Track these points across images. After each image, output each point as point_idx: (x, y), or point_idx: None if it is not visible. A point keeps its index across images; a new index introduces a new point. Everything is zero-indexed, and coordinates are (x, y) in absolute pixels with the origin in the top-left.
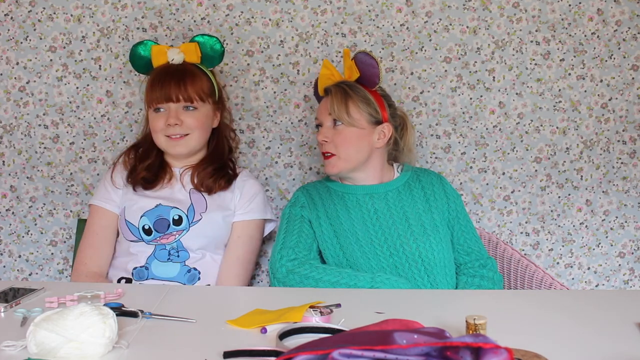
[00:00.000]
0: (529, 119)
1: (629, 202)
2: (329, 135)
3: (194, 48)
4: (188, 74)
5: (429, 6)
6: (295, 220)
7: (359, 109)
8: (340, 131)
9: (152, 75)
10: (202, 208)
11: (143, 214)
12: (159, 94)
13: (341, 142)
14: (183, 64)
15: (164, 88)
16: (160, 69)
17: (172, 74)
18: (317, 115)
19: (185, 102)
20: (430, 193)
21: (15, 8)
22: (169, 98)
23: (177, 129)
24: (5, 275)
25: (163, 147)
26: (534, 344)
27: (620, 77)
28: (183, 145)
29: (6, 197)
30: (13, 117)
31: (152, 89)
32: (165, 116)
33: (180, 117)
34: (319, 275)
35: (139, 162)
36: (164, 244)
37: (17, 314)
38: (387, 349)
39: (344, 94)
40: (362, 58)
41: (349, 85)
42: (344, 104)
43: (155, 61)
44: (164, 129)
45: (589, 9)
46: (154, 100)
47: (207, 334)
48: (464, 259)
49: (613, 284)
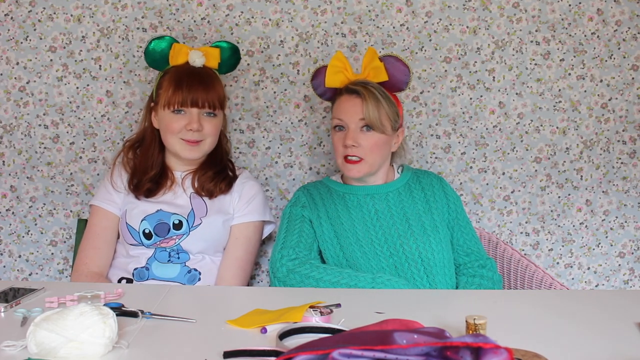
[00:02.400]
0: (529, 119)
1: (629, 202)
2: (358, 140)
3: (215, 54)
4: (213, 80)
5: (429, 6)
6: (296, 220)
7: (387, 116)
8: (369, 136)
9: (175, 75)
10: (203, 212)
11: (144, 218)
12: (184, 97)
13: (371, 148)
14: (204, 68)
15: (192, 92)
16: (184, 70)
17: (198, 77)
18: (341, 116)
19: (209, 108)
20: (430, 194)
21: (15, 8)
22: (195, 103)
23: (196, 135)
24: (5, 275)
25: (175, 149)
26: (534, 344)
27: (620, 77)
28: (197, 151)
29: (6, 197)
30: (13, 117)
31: (176, 89)
32: (185, 119)
33: (201, 123)
34: (319, 275)
35: (141, 169)
36: (164, 247)
37: (17, 314)
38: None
39: (376, 100)
40: (394, 62)
41: (378, 90)
42: (377, 110)
43: (174, 59)
44: (182, 132)
45: (589, 9)
46: (177, 102)
47: (207, 334)
48: (464, 259)
49: (613, 284)
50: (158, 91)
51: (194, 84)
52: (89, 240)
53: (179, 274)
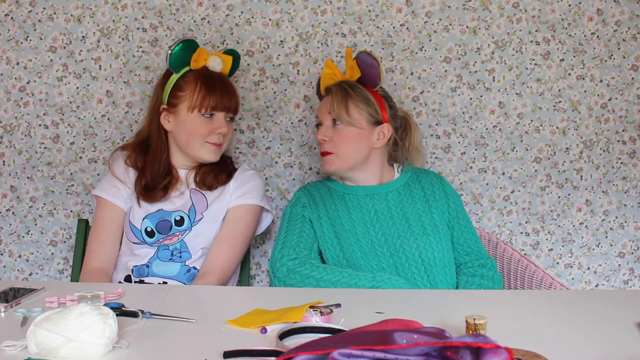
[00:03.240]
0: (528, 119)
1: (629, 202)
2: (328, 134)
3: (229, 61)
4: (233, 86)
5: (429, 6)
6: (297, 220)
7: (358, 109)
8: (339, 130)
9: (205, 79)
10: (203, 207)
11: (145, 217)
12: (217, 101)
13: (340, 141)
14: (222, 74)
15: (224, 97)
16: (210, 75)
17: (225, 83)
18: (317, 114)
19: (233, 113)
20: (430, 193)
21: (15, 8)
22: (227, 107)
23: (221, 138)
24: (5, 275)
25: (199, 152)
26: (534, 344)
27: (620, 77)
28: (219, 153)
29: (6, 197)
30: (13, 117)
31: (208, 93)
32: (214, 123)
33: (226, 127)
34: (319, 275)
35: (150, 173)
36: (167, 244)
37: (17, 314)
38: (387, 349)
39: (344, 94)
40: (363, 58)
41: (349, 85)
42: (344, 104)
43: (195, 63)
44: (210, 136)
45: (588, 9)
46: (209, 106)
47: (207, 334)
48: (464, 258)
49: (613, 284)
50: (176, 93)
51: (224, 88)
52: (95, 234)
53: (178, 273)
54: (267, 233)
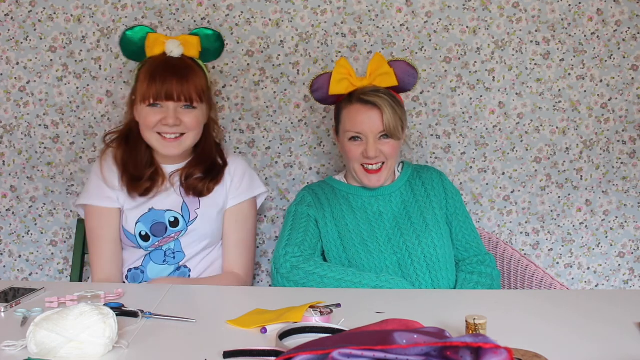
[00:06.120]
0: (528, 119)
1: (629, 202)
2: (379, 148)
3: (195, 42)
4: (190, 71)
5: (429, 6)
6: (302, 218)
7: (402, 121)
8: (386, 143)
9: (150, 67)
10: (196, 205)
11: (138, 220)
12: (158, 90)
13: (391, 155)
14: (182, 58)
15: (166, 84)
16: (159, 62)
17: (174, 69)
18: (358, 128)
19: (186, 101)
20: (431, 188)
21: (15, 8)
22: (170, 96)
23: (174, 129)
24: (5, 275)
25: (153, 145)
26: (534, 344)
27: (620, 77)
28: (176, 147)
29: (6, 197)
30: (13, 117)
31: (150, 82)
32: (161, 113)
33: (179, 117)
34: (323, 272)
35: (132, 166)
36: (161, 246)
37: (17, 314)
38: (387, 349)
39: (392, 108)
40: (404, 68)
41: (389, 97)
42: (394, 119)
43: (150, 50)
44: (158, 126)
45: (588, 9)
46: (151, 96)
47: (207, 334)
48: (463, 255)
49: (613, 284)
50: (135, 84)
51: (168, 76)
52: (93, 249)
53: (171, 274)
54: (267, 233)
